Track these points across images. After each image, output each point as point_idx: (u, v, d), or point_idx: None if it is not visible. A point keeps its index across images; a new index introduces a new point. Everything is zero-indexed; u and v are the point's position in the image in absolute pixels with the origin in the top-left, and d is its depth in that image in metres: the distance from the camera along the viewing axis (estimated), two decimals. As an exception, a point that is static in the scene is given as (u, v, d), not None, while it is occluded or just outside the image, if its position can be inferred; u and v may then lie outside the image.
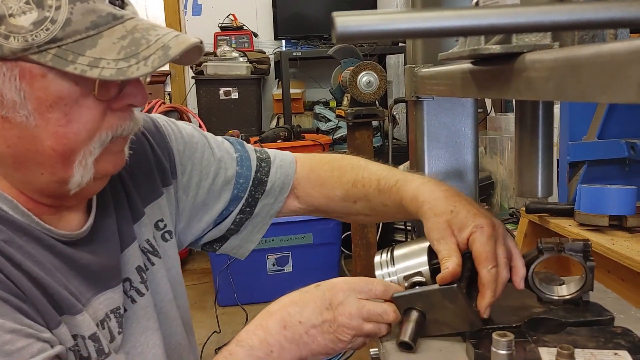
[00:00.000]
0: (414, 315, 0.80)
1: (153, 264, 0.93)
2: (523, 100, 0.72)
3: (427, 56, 1.04)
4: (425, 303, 0.80)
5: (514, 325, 0.80)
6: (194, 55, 0.76)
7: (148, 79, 0.79)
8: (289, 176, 1.07)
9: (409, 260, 0.85)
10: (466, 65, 0.77)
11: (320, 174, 1.06)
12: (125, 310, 0.85)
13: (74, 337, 0.74)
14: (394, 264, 0.85)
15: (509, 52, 0.63)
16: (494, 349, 0.68)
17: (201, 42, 0.74)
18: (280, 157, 1.09)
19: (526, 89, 0.62)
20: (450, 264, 0.78)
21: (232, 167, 1.03)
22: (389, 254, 0.87)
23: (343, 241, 3.18)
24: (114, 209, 0.88)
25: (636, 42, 0.42)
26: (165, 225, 0.98)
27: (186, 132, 1.02)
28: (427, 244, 0.85)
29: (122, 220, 0.89)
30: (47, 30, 0.66)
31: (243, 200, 1.04)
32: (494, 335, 0.68)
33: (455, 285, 0.78)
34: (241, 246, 1.10)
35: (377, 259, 0.88)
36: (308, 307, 0.79)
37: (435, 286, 0.79)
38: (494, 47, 0.63)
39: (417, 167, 1.11)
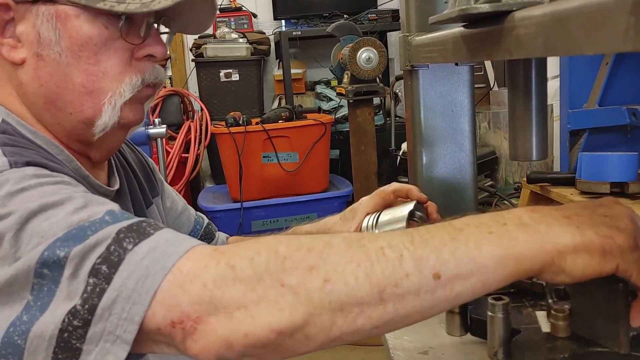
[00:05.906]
0: None
1: None
2: (515, 60, 0.70)
3: (420, 24, 1.03)
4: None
5: (512, 290, 0.80)
6: (207, 14, 0.85)
7: (168, 50, 0.87)
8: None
9: (390, 226, 0.84)
10: (458, 29, 0.76)
11: None
12: None
13: None
14: (377, 231, 0.85)
15: (498, 10, 0.62)
16: (490, 313, 0.68)
17: None
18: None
19: (516, 48, 0.61)
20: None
21: (193, 214, 1.14)
22: (375, 219, 0.86)
23: (347, 220, 3.18)
24: (130, 190, 0.94)
25: (622, -11, 0.41)
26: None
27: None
28: (409, 209, 0.84)
29: (135, 199, 0.94)
30: None
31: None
32: (490, 300, 0.68)
33: (620, 284, 0.59)
34: None
35: (364, 223, 0.87)
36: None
37: None
38: (483, 6, 0.62)
39: (414, 138, 1.11)
